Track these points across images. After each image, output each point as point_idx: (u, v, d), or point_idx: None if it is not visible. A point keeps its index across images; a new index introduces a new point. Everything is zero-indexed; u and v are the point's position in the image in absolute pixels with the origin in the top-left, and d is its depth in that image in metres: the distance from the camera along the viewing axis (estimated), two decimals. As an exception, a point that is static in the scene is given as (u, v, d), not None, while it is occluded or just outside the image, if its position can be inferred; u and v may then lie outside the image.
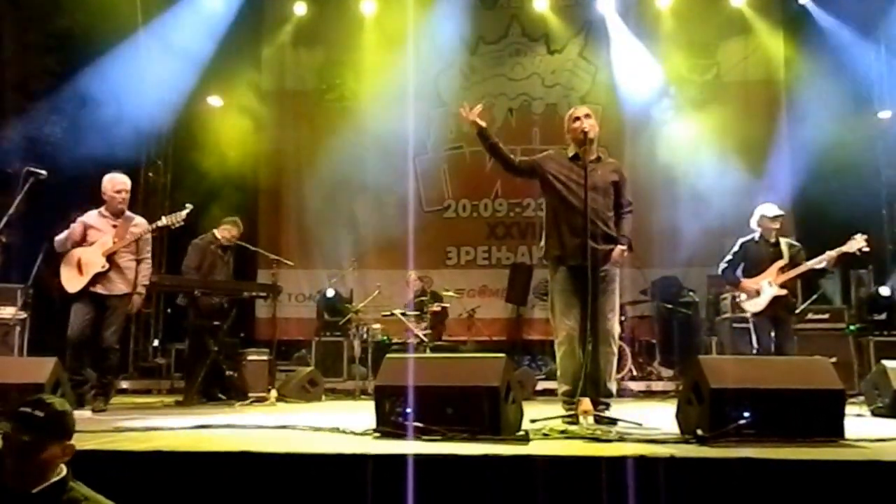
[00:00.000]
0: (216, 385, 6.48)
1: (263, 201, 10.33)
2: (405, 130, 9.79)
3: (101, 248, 5.26)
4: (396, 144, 9.87)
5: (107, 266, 5.22)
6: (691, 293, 8.93)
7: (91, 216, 5.42)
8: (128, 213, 5.49)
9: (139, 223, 5.45)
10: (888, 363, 4.73)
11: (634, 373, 8.29)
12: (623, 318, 8.24)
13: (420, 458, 2.61)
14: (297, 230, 10.12)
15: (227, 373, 6.53)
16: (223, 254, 6.83)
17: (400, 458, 2.61)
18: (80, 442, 2.83)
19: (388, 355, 3.72)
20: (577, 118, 4.29)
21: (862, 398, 5.03)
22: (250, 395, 6.29)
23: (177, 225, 5.45)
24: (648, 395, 7.91)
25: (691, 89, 10.01)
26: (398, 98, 9.77)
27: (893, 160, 9.35)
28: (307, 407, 5.99)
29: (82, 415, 4.55)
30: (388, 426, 3.22)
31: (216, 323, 6.53)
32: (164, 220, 5.43)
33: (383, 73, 10.03)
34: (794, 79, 9.79)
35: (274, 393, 6.20)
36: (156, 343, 9.67)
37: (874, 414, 4.65)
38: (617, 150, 9.43)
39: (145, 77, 8.97)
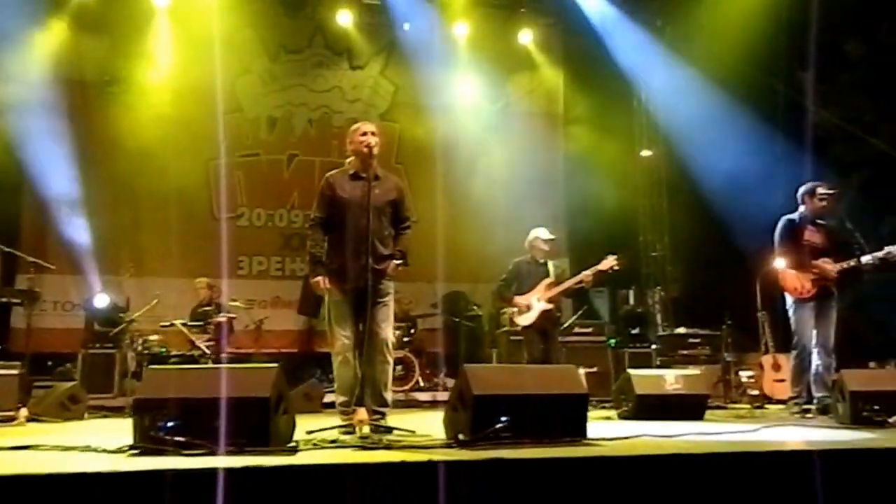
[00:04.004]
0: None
1: (26, 198, 9.21)
2: (197, 132, 9.34)
3: None
4: (187, 146, 9.37)
5: None
6: (476, 307, 9.38)
7: None
8: None
9: None
10: (633, 371, 5.25)
11: (422, 384, 8.48)
12: (413, 331, 8.58)
13: (176, 474, 2.49)
14: (66, 232, 9.13)
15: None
16: None
17: (155, 475, 2.48)
18: None
19: (149, 366, 3.52)
20: (364, 132, 4.31)
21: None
22: (-8, 414, 5.51)
23: None
24: (433, 404, 8.06)
25: (485, 116, 10.58)
26: (191, 98, 9.35)
27: (650, 191, 10.67)
28: (64, 426, 5.39)
29: None
30: (147, 442, 3.04)
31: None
32: None
33: (176, 70, 9.57)
34: (570, 113, 10.84)
35: (24, 412, 5.51)
36: None
37: (621, 417, 5.08)
38: (415, 171, 9.80)
39: None
